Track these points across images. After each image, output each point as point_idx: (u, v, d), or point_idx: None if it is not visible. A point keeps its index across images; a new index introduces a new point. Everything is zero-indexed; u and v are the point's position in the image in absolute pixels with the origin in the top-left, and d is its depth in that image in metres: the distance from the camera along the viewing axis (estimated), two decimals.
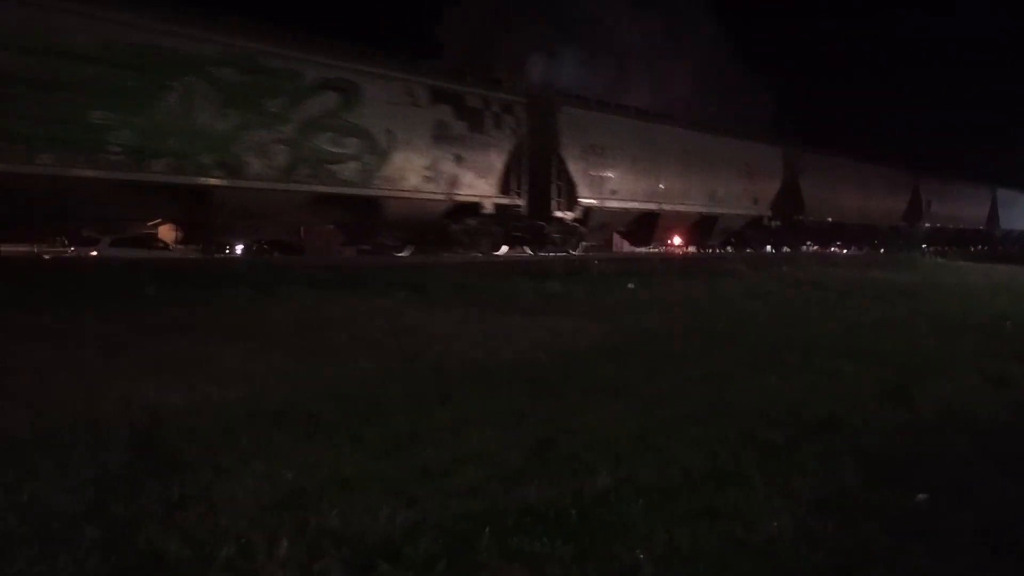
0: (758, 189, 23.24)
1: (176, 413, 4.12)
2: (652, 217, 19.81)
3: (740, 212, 22.69)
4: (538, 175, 16.62)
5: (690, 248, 23.42)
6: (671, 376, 5.65)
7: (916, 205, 32.11)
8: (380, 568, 2.54)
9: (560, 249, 17.22)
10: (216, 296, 8.17)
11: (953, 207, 35.32)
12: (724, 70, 38.92)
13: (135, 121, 10.68)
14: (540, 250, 17.10)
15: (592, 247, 19.90)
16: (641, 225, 20.12)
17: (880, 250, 29.01)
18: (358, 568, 2.55)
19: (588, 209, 17.69)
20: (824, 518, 3.06)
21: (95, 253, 15.88)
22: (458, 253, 15.10)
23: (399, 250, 15.62)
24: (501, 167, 15.72)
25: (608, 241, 24.67)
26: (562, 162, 17.04)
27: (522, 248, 17.43)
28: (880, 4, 72.44)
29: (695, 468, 3.60)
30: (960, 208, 36.22)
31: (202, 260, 12.37)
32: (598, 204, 17.92)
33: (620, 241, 24.62)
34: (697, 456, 3.77)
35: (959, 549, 2.90)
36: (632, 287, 11.83)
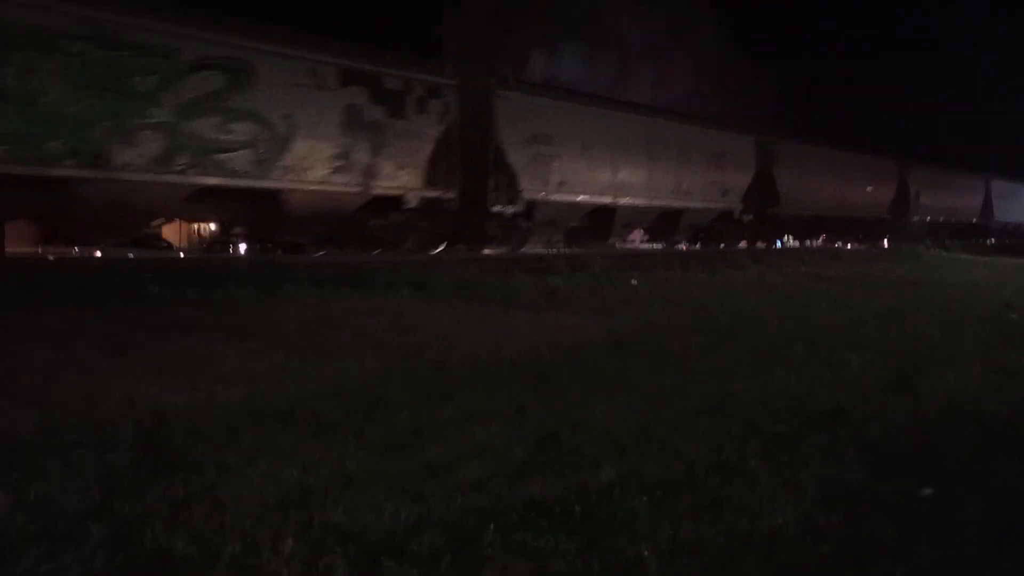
0: (728, 181, 21.60)
1: (180, 412, 4.13)
2: (609, 212, 18.30)
3: (707, 206, 21.11)
4: (475, 166, 15.02)
5: (655, 245, 21.85)
6: (675, 370, 5.64)
7: (903, 196, 30.35)
8: (385, 564, 2.54)
9: (504, 247, 15.81)
10: (218, 295, 8.19)
11: (944, 199, 33.40)
12: (725, 66, 38.90)
13: None
14: (480, 249, 15.57)
15: (591, 244, 18.87)
16: (597, 220, 18.51)
17: (877, 244, 28.28)
18: (363, 565, 2.55)
19: (532, 203, 16.12)
20: (830, 511, 3.05)
21: (99, 253, 15.88)
22: (384, 252, 13.66)
23: (310, 250, 13.82)
24: (427, 157, 14.11)
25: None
26: (501, 152, 15.40)
27: (473, 247, 15.66)
28: None
29: (699, 462, 3.59)
30: (952, 200, 34.27)
31: (203, 259, 12.32)
32: (543, 198, 16.34)
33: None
34: (701, 449, 3.76)
35: (966, 542, 2.89)
36: (635, 283, 11.83)
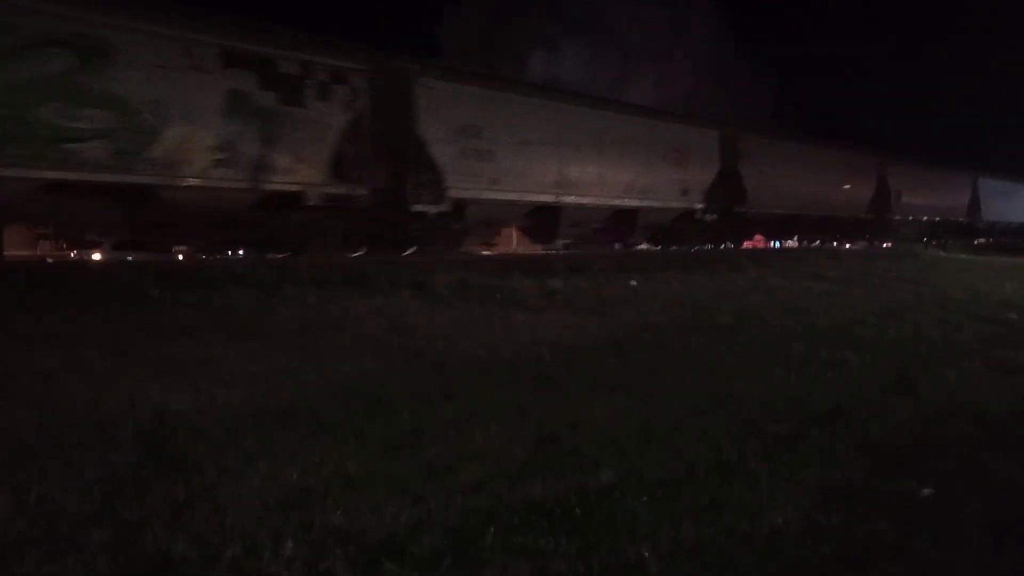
0: (689, 178, 20.18)
1: (180, 413, 4.13)
2: (553, 211, 16.94)
3: (666, 204, 19.68)
4: (393, 161, 13.60)
5: (616, 245, 19.95)
6: (675, 370, 5.65)
7: (884, 194, 28.83)
8: (385, 566, 2.54)
9: (432, 248, 14.32)
10: (219, 297, 8.19)
11: (928, 196, 31.46)
12: (725, 66, 38.86)
13: None
14: (401, 250, 14.19)
15: (589, 244, 18.25)
16: (540, 220, 17.18)
17: (873, 244, 27.89)
18: (363, 566, 2.55)
19: (462, 202, 14.69)
20: (830, 511, 3.06)
21: (98, 256, 15.86)
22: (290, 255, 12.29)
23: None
24: (331, 149, 12.61)
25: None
26: (422, 144, 13.89)
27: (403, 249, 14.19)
28: None
29: (699, 462, 3.59)
30: (936, 198, 32.24)
31: (204, 261, 12.26)
32: (474, 196, 14.89)
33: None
34: (701, 449, 3.76)
35: (966, 540, 2.89)
36: (635, 284, 11.83)
